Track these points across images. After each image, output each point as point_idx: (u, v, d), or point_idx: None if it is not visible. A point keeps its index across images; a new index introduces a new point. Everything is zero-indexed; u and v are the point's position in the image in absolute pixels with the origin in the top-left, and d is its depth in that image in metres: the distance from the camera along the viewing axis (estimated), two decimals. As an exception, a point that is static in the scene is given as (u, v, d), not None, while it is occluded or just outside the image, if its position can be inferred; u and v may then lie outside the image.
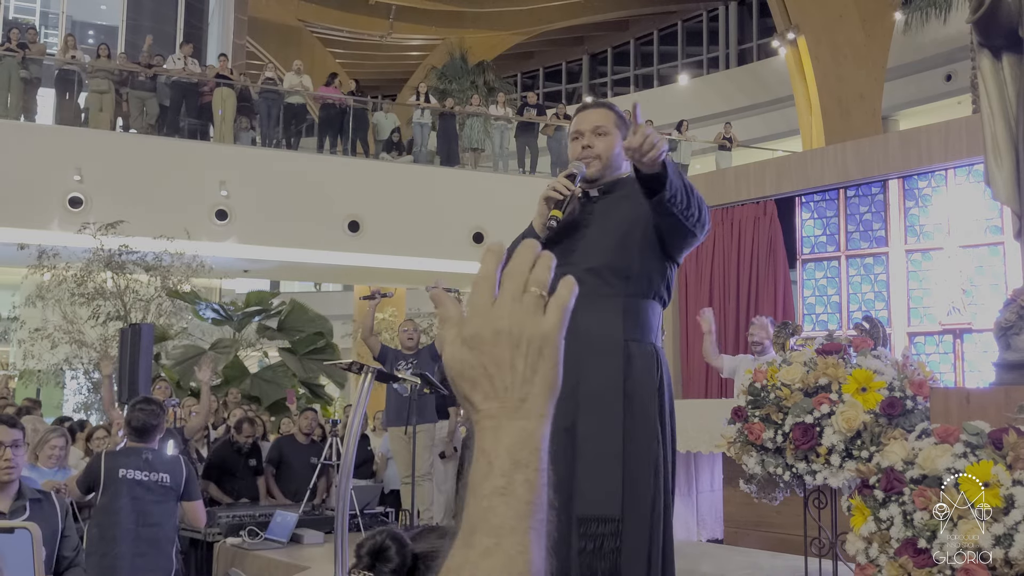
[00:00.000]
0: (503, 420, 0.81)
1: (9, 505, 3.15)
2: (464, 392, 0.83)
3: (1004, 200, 3.02)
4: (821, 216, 6.46)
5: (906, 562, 2.33)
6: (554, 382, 0.82)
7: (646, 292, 2.61)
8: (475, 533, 0.78)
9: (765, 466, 3.28)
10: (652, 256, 2.59)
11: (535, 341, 0.82)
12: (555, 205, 2.53)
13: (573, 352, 2.67)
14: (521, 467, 0.79)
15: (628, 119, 2.70)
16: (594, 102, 2.91)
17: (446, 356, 0.83)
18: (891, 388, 3.08)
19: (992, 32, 2.96)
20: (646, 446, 2.47)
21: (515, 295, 0.82)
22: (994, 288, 5.56)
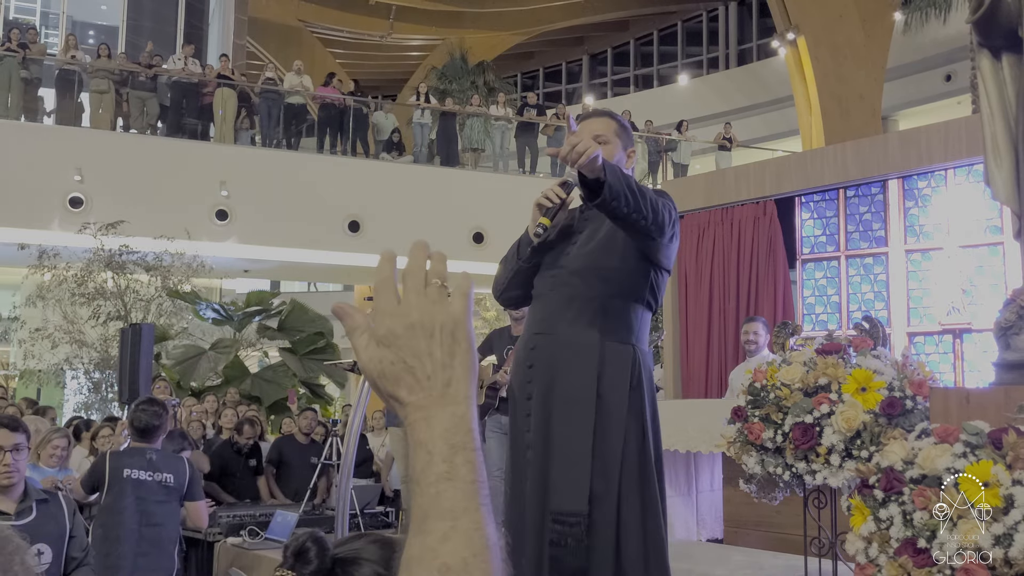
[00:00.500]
0: (433, 409, 0.83)
1: (14, 507, 3.16)
2: (388, 390, 0.85)
3: (1004, 200, 3.03)
4: (821, 216, 6.46)
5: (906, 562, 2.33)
6: (472, 363, 0.85)
7: (627, 294, 2.67)
8: (427, 519, 0.79)
9: (765, 466, 3.28)
10: (634, 260, 2.65)
11: (447, 326, 0.85)
12: (545, 212, 2.61)
13: (551, 352, 2.75)
14: (459, 449, 0.81)
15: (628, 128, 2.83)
16: (595, 111, 2.98)
17: (362, 362, 0.86)
18: (891, 388, 3.09)
19: (992, 32, 2.97)
20: (615, 445, 2.54)
21: (418, 289, 0.86)
22: (994, 288, 5.56)
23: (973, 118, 6.02)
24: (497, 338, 6.78)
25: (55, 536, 3.20)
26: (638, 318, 2.70)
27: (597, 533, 2.50)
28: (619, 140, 2.80)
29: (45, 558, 3.15)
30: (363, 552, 1.24)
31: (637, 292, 2.69)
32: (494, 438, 6.59)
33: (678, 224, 2.71)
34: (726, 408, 3.49)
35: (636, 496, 2.54)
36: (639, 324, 2.70)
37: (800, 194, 6.51)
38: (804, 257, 6.51)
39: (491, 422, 6.55)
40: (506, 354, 6.61)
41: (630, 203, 2.45)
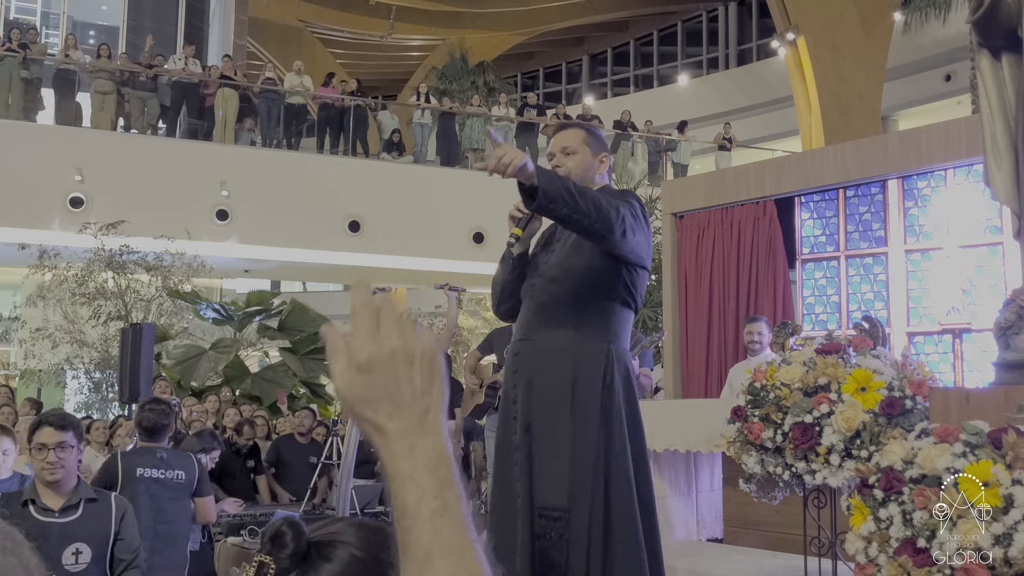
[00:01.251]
0: (414, 439, 0.84)
1: (61, 503, 3.19)
2: (368, 416, 0.85)
3: (1003, 200, 3.03)
4: (821, 216, 6.46)
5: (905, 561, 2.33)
6: (445, 395, 0.87)
7: (601, 294, 2.75)
8: (432, 559, 0.80)
9: (765, 466, 3.28)
10: (601, 259, 2.73)
11: (426, 356, 0.87)
12: (516, 223, 2.76)
13: (532, 356, 2.83)
14: (448, 485, 0.83)
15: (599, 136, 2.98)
16: (562, 123, 3.16)
17: (337, 386, 0.87)
18: (890, 388, 3.09)
19: (991, 32, 2.97)
20: (587, 443, 2.65)
21: (397, 319, 0.87)
22: (994, 288, 5.56)
23: (973, 118, 6.02)
24: (498, 337, 6.78)
25: (98, 536, 3.22)
26: (615, 316, 2.77)
27: (574, 528, 2.62)
28: (588, 148, 2.90)
29: (83, 557, 3.17)
30: (340, 535, 1.26)
31: (611, 291, 2.75)
32: (493, 439, 6.59)
33: (640, 220, 2.75)
34: (726, 408, 3.49)
35: (616, 493, 2.64)
36: (617, 322, 2.77)
37: (800, 194, 6.51)
38: (804, 257, 6.51)
39: (490, 422, 6.56)
40: (507, 353, 6.60)
41: (569, 205, 2.52)
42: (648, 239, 2.80)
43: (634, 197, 2.82)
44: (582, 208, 2.53)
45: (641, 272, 2.80)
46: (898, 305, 6.04)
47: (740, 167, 7.21)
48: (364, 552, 1.23)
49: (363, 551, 1.23)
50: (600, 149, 2.97)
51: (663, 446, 4.85)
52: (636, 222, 2.71)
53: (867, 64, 18.33)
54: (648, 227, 2.81)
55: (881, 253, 6.14)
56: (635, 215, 2.71)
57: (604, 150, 2.99)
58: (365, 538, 1.25)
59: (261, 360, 12.72)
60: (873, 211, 6.19)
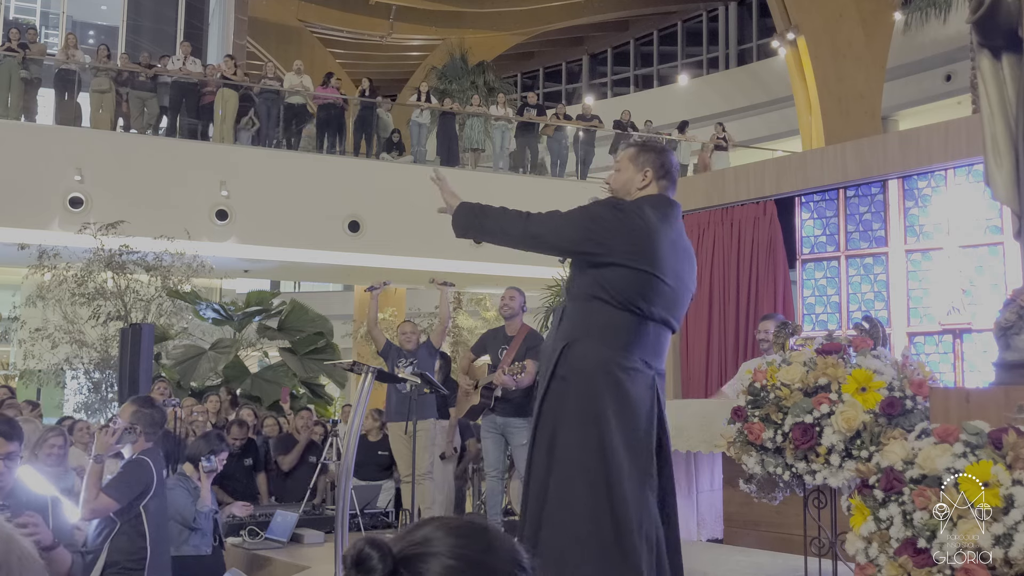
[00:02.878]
0: None
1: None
2: None
3: (1004, 200, 3.03)
4: (821, 216, 6.46)
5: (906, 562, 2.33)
6: None
7: (582, 296, 2.97)
8: None
9: (765, 466, 3.28)
10: (583, 267, 2.99)
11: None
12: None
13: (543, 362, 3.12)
14: None
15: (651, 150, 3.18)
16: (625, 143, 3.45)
17: None
18: (891, 388, 3.09)
19: (992, 32, 2.97)
20: (542, 431, 2.93)
21: None
22: (994, 288, 5.56)
23: (973, 118, 6.01)
24: (491, 339, 6.79)
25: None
26: (596, 314, 2.92)
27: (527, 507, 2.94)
28: (632, 164, 3.12)
29: None
30: (429, 544, 1.15)
31: (588, 291, 2.95)
32: (490, 438, 6.62)
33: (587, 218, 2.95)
34: (726, 408, 3.49)
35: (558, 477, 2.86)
36: (595, 320, 2.92)
37: (800, 194, 6.51)
38: (804, 257, 6.51)
39: (486, 422, 6.57)
40: (500, 354, 6.62)
41: (479, 232, 3.04)
42: (613, 232, 2.90)
43: (604, 204, 3.00)
44: (498, 234, 3.02)
45: (618, 268, 2.89)
46: (898, 305, 6.03)
47: (740, 167, 7.21)
48: (457, 559, 1.14)
49: (456, 558, 1.14)
50: (645, 163, 3.11)
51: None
52: (567, 225, 2.94)
53: (867, 64, 18.33)
54: (624, 222, 2.91)
55: (881, 253, 6.13)
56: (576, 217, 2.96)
57: (650, 165, 3.10)
58: (457, 542, 1.16)
59: (261, 360, 12.72)
60: (873, 211, 6.19)
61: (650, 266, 2.89)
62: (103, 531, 4.14)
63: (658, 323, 2.96)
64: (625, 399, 2.86)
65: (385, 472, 7.68)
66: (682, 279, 3.02)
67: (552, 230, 2.96)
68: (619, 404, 2.85)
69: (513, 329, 6.73)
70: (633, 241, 2.89)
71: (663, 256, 2.91)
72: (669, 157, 3.16)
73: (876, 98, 18.43)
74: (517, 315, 6.73)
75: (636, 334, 2.91)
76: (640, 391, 2.89)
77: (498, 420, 6.47)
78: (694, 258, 3.18)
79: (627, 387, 2.87)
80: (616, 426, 2.83)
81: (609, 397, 2.84)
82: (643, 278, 2.89)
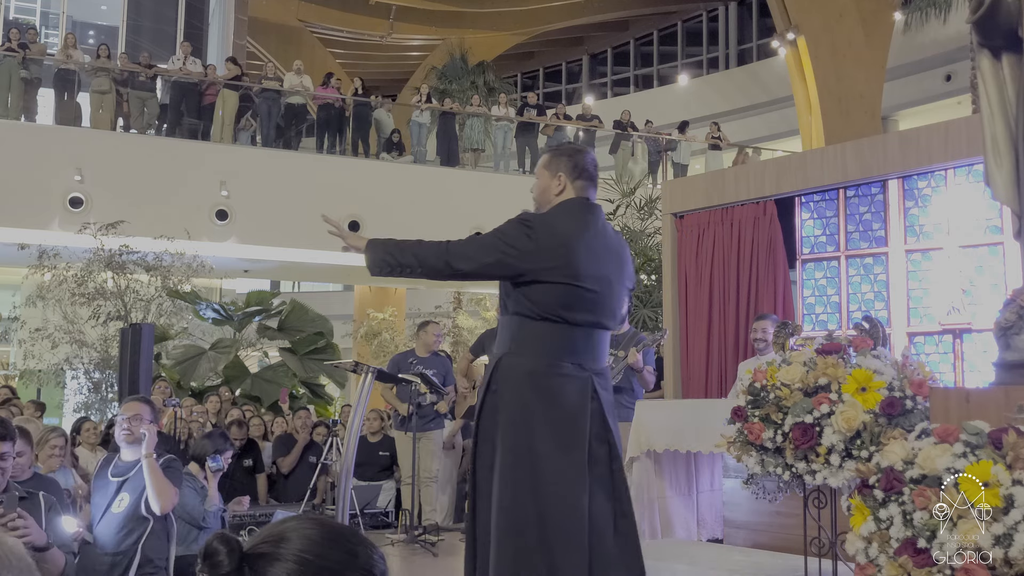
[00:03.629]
0: None
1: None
2: None
3: (1004, 200, 3.02)
4: (821, 216, 6.45)
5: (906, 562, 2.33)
6: None
7: (511, 311, 3.08)
8: None
9: (765, 466, 3.28)
10: (508, 285, 3.08)
11: None
12: None
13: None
14: None
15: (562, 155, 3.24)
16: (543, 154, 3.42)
17: None
18: (891, 388, 3.08)
19: (992, 32, 2.97)
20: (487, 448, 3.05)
21: None
22: (994, 288, 5.56)
23: (973, 118, 6.01)
24: (489, 339, 6.79)
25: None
26: (521, 328, 3.05)
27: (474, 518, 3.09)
28: (546, 172, 3.21)
29: None
30: (282, 543, 1.17)
31: (515, 308, 3.06)
32: None
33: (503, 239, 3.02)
34: (726, 408, 3.49)
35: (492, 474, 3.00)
36: (521, 334, 3.05)
37: (800, 194, 6.50)
38: (804, 257, 6.51)
39: None
40: None
41: (393, 267, 3.09)
42: (525, 252, 2.99)
43: (517, 224, 3.04)
44: (407, 265, 3.06)
45: (536, 286, 3.00)
46: (898, 305, 6.03)
47: (740, 167, 7.20)
48: (301, 564, 1.15)
49: (300, 563, 1.15)
50: (558, 169, 3.17)
51: (663, 446, 4.84)
52: (481, 249, 3.04)
53: (867, 64, 18.33)
54: (535, 239, 2.99)
55: (881, 253, 6.13)
56: (489, 240, 3.04)
57: (563, 169, 3.16)
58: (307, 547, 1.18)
59: (261, 360, 12.72)
60: (873, 211, 6.19)
61: (569, 278, 2.98)
62: (134, 531, 4.13)
63: (586, 327, 3.05)
64: (556, 404, 2.97)
65: (385, 472, 7.68)
66: (607, 279, 3.08)
67: (470, 258, 3.02)
68: (550, 409, 2.97)
69: None
70: (548, 258, 2.98)
71: (581, 265, 2.99)
72: (583, 157, 3.20)
73: (876, 98, 18.43)
74: None
75: (564, 341, 3.02)
76: (572, 395, 2.99)
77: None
78: (623, 250, 3.23)
79: (557, 392, 2.98)
80: (547, 431, 2.95)
81: (539, 404, 2.97)
82: (563, 290, 2.99)
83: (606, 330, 3.15)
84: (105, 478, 4.23)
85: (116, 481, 4.20)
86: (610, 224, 3.27)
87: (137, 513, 4.11)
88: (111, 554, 4.10)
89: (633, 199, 10.25)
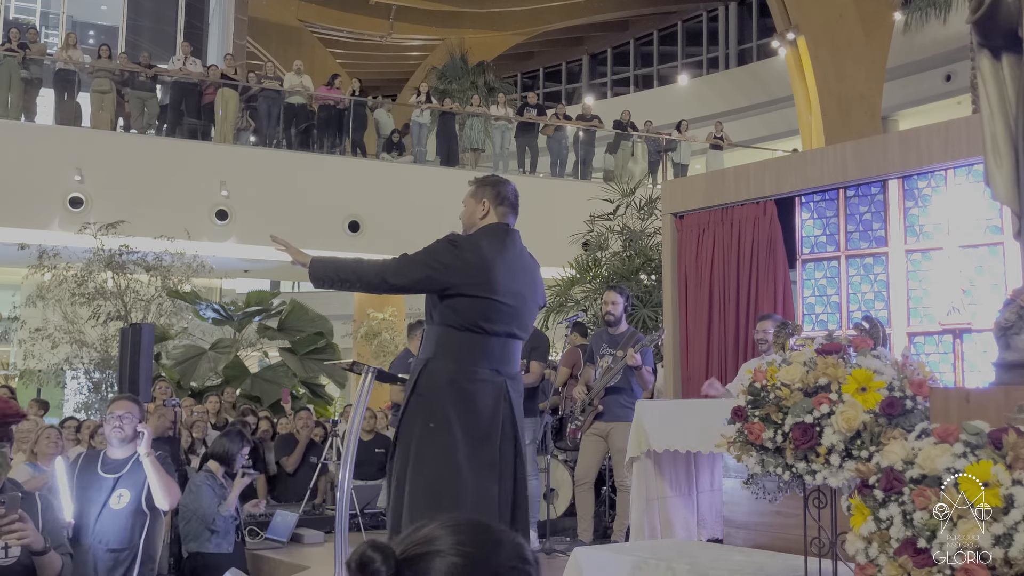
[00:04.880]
0: None
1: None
2: None
3: (1004, 200, 3.02)
4: (821, 216, 6.45)
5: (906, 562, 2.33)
6: None
7: (436, 321, 3.43)
8: None
9: (765, 466, 3.28)
10: (434, 298, 3.43)
11: None
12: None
13: None
14: None
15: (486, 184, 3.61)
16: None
17: None
18: (891, 388, 3.08)
19: (991, 32, 2.96)
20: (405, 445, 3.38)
21: None
22: (994, 288, 5.55)
23: (973, 118, 6.01)
24: None
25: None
26: (443, 336, 3.40)
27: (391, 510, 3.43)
28: (472, 199, 3.59)
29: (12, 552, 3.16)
30: (432, 543, 1.16)
31: (439, 318, 3.40)
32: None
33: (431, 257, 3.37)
34: (726, 408, 3.49)
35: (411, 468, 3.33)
36: (445, 341, 3.39)
37: (800, 194, 6.50)
38: (804, 257, 6.51)
39: None
40: None
41: (334, 282, 3.40)
42: (451, 268, 3.35)
43: (445, 243, 3.39)
44: (346, 280, 3.38)
45: (458, 299, 3.35)
46: (898, 305, 6.03)
47: (740, 167, 7.20)
48: (461, 556, 1.15)
49: (460, 555, 1.15)
50: (483, 196, 3.57)
51: (663, 446, 4.84)
52: (412, 265, 3.37)
53: (867, 64, 18.33)
54: (460, 257, 3.35)
55: (881, 253, 6.13)
56: (419, 258, 3.37)
57: (487, 196, 3.56)
58: (460, 539, 1.17)
59: (261, 360, 12.72)
60: (873, 211, 6.19)
61: (488, 292, 3.35)
62: (136, 527, 4.15)
63: (502, 336, 3.43)
64: (470, 406, 3.35)
65: (383, 471, 7.68)
66: (521, 295, 3.47)
67: (403, 274, 3.37)
68: (464, 411, 3.34)
69: None
70: (470, 274, 3.34)
71: (499, 281, 3.37)
72: (505, 187, 3.61)
73: (876, 98, 18.44)
74: None
75: (482, 349, 3.39)
76: (486, 398, 3.38)
77: None
78: (535, 270, 3.66)
79: (472, 396, 3.36)
80: (460, 431, 3.32)
81: (455, 407, 3.33)
82: (483, 303, 3.36)
83: (519, 340, 3.55)
84: (95, 474, 4.23)
85: (111, 478, 4.20)
86: (526, 248, 3.65)
87: (139, 508, 4.14)
88: (115, 550, 4.11)
89: (633, 199, 10.25)
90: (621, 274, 9.38)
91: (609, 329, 6.65)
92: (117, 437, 4.23)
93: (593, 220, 10.33)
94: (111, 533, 4.13)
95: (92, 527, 4.14)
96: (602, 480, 7.00)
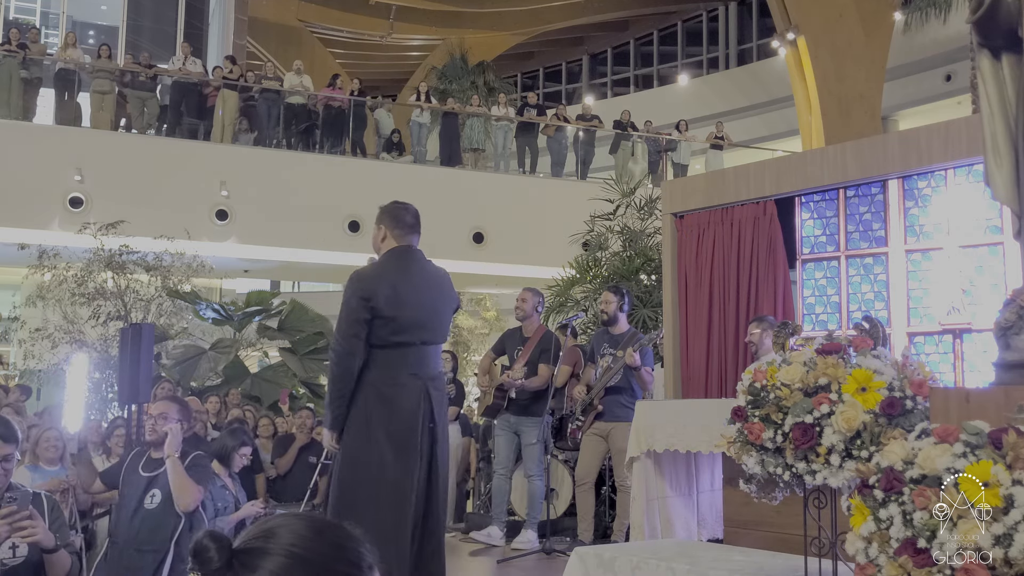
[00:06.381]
0: None
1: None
2: None
3: (1004, 200, 3.02)
4: (821, 216, 6.45)
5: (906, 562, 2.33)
6: None
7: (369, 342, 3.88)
8: None
9: (765, 466, 3.28)
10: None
11: None
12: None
13: None
14: None
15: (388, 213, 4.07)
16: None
17: None
18: (891, 388, 3.08)
19: (991, 32, 2.96)
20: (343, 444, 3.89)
21: None
22: (994, 288, 5.55)
23: (973, 118, 6.01)
24: (509, 339, 6.98)
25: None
26: (372, 353, 3.85)
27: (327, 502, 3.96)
28: (375, 227, 4.06)
29: (20, 551, 3.16)
30: (272, 538, 1.19)
31: (369, 339, 3.85)
32: (503, 436, 6.75)
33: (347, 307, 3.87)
34: (726, 408, 3.49)
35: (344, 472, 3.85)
36: (372, 356, 3.85)
37: (800, 194, 6.50)
38: (804, 257, 6.51)
39: (500, 420, 6.78)
40: (516, 355, 6.77)
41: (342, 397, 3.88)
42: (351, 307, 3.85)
43: (352, 290, 3.85)
44: (336, 396, 3.87)
45: (380, 320, 3.82)
46: (898, 305, 6.03)
47: (740, 167, 7.20)
48: (291, 558, 1.17)
49: (290, 556, 1.17)
50: (380, 222, 4.03)
51: (663, 446, 4.85)
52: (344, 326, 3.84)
53: (867, 64, 18.33)
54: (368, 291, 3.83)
55: (881, 253, 6.13)
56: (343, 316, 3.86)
57: (383, 222, 4.01)
58: (296, 540, 1.19)
59: (261, 360, 12.72)
60: (873, 211, 6.19)
61: (396, 311, 3.83)
62: (166, 527, 4.14)
63: (416, 345, 3.89)
64: (392, 408, 3.81)
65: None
66: (431, 306, 3.96)
67: (348, 337, 3.81)
68: (387, 413, 3.80)
69: (529, 330, 6.85)
70: (377, 303, 3.80)
71: (405, 299, 3.85)
72: (402, 212, 4.03)
73: (876, 98, 18.44)
74: (531, 316, 6.84)
75: (401, 358, 3.87)
76: (408, 400, 3.83)
77: (511, 419, 6.70)
78: (442, 279, 4.09)
79: (394, 399, 3.82)
80: (384, 430, 3.78)
81: (378, 409, 3.81)
82: (394, 322, 3.83)
83: (434, 345, 4.00)
84: (135, 473, 4.26)
85: (146, 477, 4.22)
86: (430, 262, 4.09)
87: (170, 509, 4.13)
88: (146, 551, 4.12)
89: (633, 199, 10.24)
90: (621, 274, 9.38)
91: (609, 329, 6.66)
92: (150, 438, 4.25)
93: (593, 220, 10.33)
94: (143, 533, 4.14)
95: (127, 525, 4.15)
96: (602, 480, 7.00)
